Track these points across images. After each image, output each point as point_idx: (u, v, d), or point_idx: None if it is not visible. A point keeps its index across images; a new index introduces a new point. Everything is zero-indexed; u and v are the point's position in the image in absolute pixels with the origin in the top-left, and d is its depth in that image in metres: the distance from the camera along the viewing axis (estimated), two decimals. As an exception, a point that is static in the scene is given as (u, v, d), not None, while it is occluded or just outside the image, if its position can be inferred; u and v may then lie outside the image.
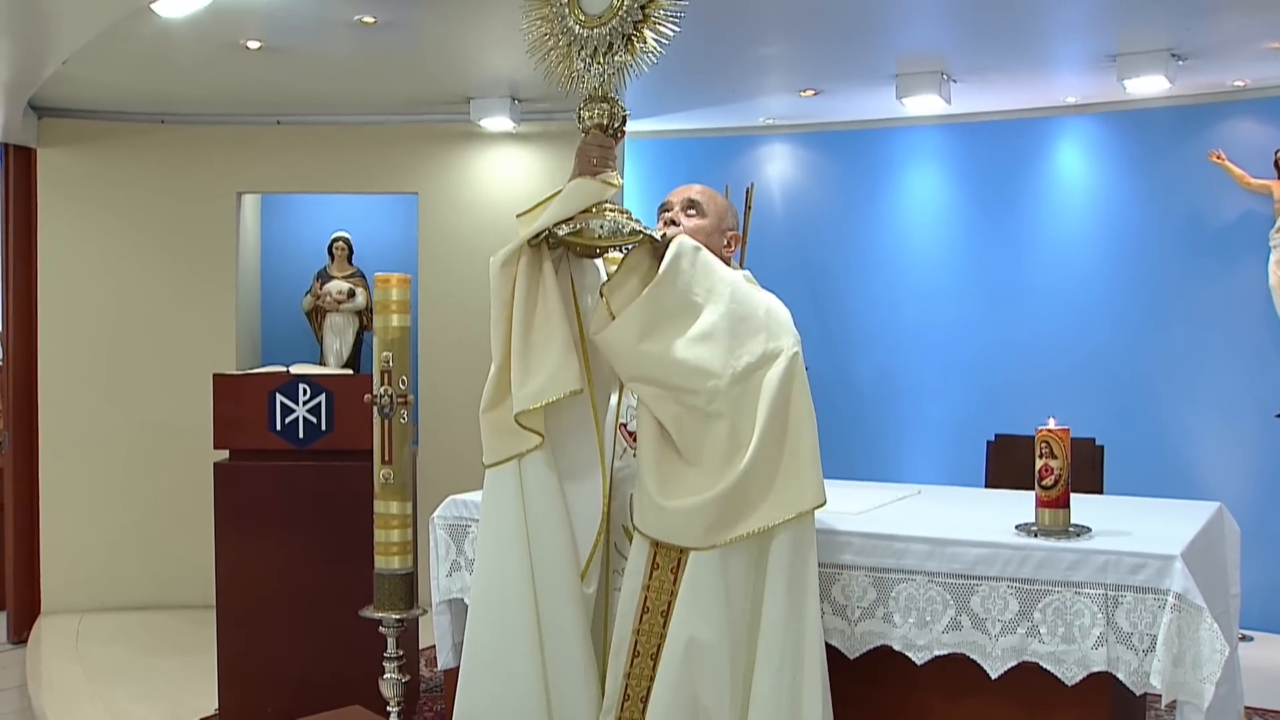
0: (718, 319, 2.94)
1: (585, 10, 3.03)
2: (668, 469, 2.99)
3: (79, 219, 7.42)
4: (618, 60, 3.01)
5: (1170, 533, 3.30)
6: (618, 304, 3.00)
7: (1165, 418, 7.11)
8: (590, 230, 2.98)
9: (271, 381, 5.15)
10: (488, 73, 6.67)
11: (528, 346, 3.05)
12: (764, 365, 2.92)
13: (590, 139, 3.07)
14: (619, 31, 2.97)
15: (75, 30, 4.91)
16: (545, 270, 3.07)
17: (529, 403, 2.99)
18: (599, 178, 3.04)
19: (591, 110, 3.08)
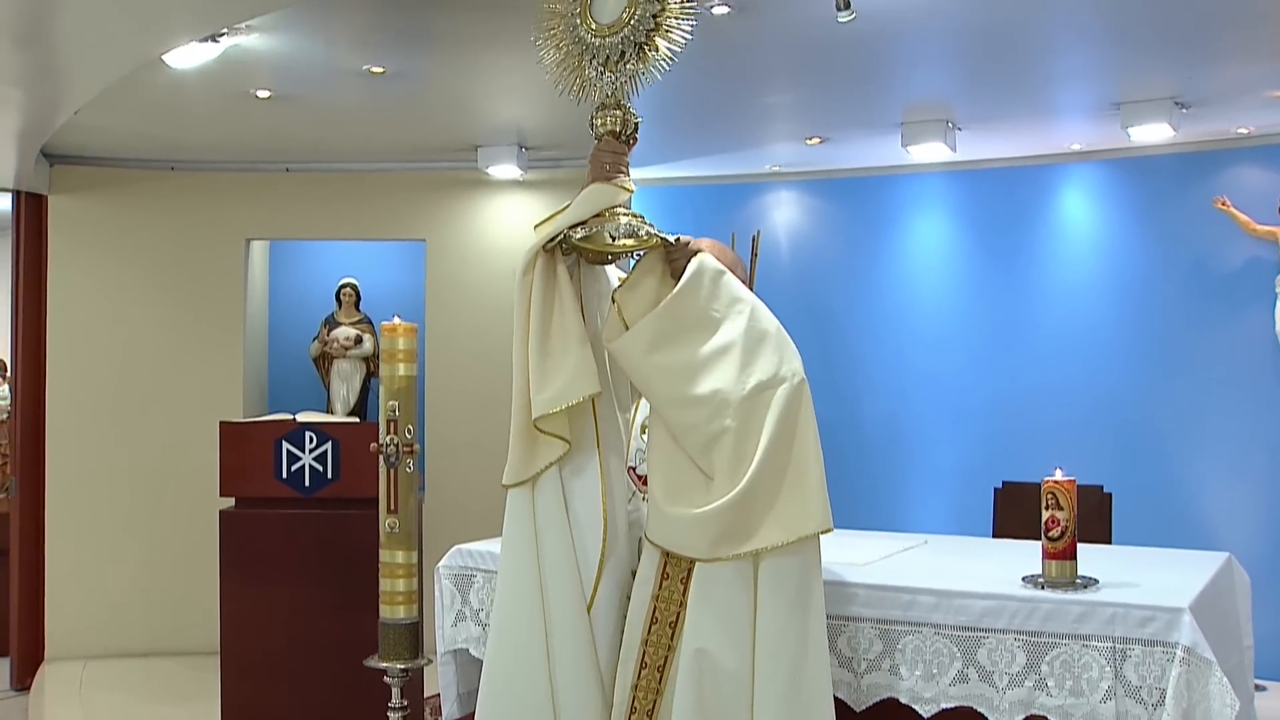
0: (734, 336, 2.95)
1: (597, 20, 3.05)
2: (675, 478, 2.99)
3: (89, 265, 7.46)
4: (629, 69, 3.03)
5: (1178, 584, 3.27)
6: (631, 310, 3.01)
7: (1173, 464, 7.09)
8: (605, 234, 2.99)
9: (278, 429, 5.16)
10: (495, 121, 6.72)
11: (545, 351, 3.05)
12: (774, 385, 2.92)
13: (603, 145, 3.09)
14: (631, 40, 2.99)
15: (87, 82, 4.96)
16: (560, 274, 3.08)
17: (548, 406, 3.00)
18: (613, 183, 3.06)
19: (604, 118, 3.10)
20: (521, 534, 3.13)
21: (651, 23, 2.98)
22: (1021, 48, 5.29)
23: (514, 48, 5.18)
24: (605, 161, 3.07)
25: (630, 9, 2.99)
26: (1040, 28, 5.01)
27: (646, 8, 2.98)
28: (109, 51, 4.61)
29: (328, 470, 5.12)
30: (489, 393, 7.27)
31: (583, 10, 3.06)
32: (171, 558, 7.36)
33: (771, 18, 4.80)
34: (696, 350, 2.95)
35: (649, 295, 3.03)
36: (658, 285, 3.04)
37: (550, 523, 3.09)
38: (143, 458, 7.43)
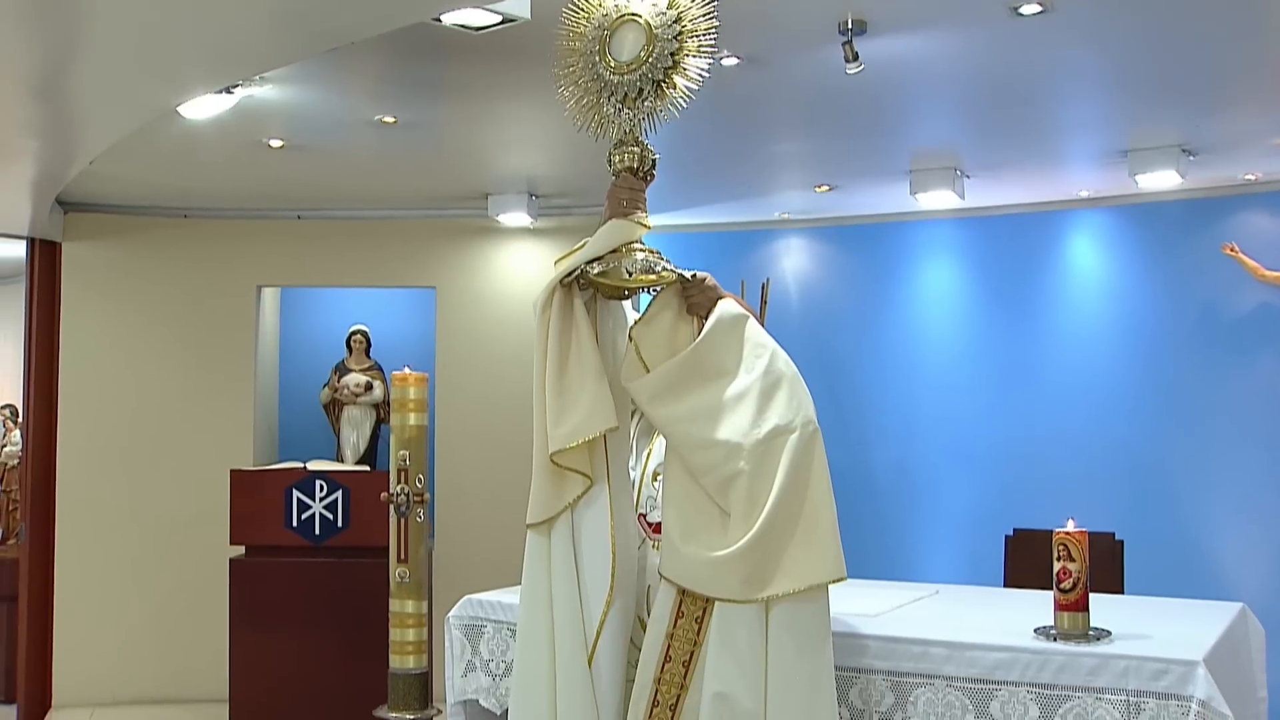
0: (751, 381, 2.95)
1: (615, 58, 3.07)
2: (692, 513, 2.99)
3: (101, 312, 7.51)
4: (647, 105, 3.04)
5: (1192, 637, 3.25)
6: (648, 348, 3.02)
7: (1185, 511, 7.06)
8: (622, 269, 3.00)
9: (289, 478, 5.18)
10: (505, 169, 6.77)
11: (562, 386, 3.05)
12: (787, 432, 2.92)
13: (621, 182, 3.10)
14: (649, 77, 3.01)
15: (102, 133, 5.02)
16: (577, 310, 3.09)
17: (565, 441, 2.99)
18: (630, 219, 3.07)
19: (622, 154, 3.11)
20: (537, 577, 3.13)
21: (669, 60, 3.00)
22: (1029, 98, 5.32)
23: (524, 98, 5.23)
24: (622, 197, 3.09)
25: (648, 47, 3.02)
26: (1048, 78, 5.06)
27: (664, 46, 3.00)
28: (124, 104, 4.66)
29: (338, 519, 5.13)
30: (499, 440, 7.29)
31: (601, 48, 3.09)
32: (180, 605, 7.34)
33: (780, 69, 4.85)
34: (714, 395, 2.96)
35: (666, 332, 3.04)
36: (674, 321, 3.05)
37: (561, 567, 3.09)
38: (153, 504, 7.43)
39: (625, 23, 3.09)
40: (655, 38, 3.02)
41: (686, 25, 3.02)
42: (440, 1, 3.68)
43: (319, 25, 3.71)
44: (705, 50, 3.04)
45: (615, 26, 3.11)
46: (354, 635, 4.99)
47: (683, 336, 3.06)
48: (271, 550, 5.17)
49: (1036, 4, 4.11)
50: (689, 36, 3.02)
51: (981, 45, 4.58)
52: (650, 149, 3.11)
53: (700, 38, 3.02)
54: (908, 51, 4.62)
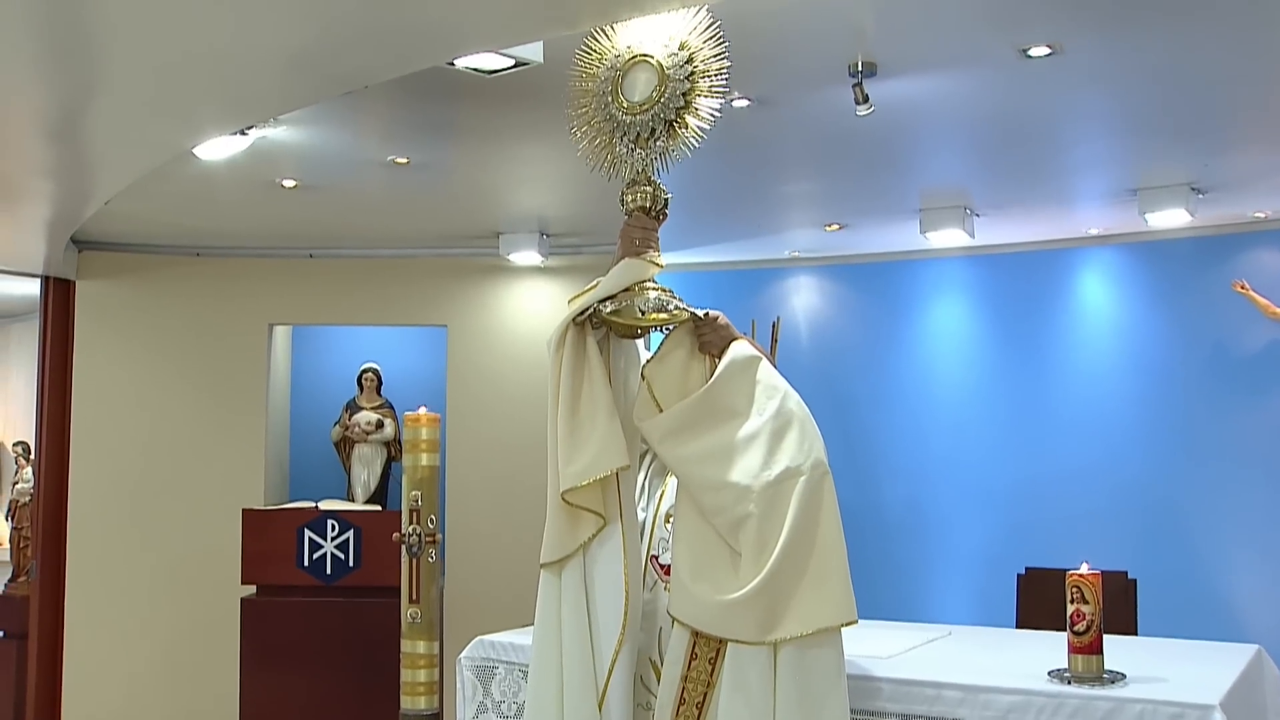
0: (762, 423, 2.96)
1: (628, 98, 3.10)
2: (703, 552, 2.99)
3: (114, 349, 7.54)
4: (659, 145, 3.07)
5: (1208, 680, 3.23)
6: (661, 387, 3.03)
7: (1198, 550, 7.02)
8: (634, 308, 3.02)
9: (300, 517, 5.18)
10: (517, 208, 6.80)
11: (574, 424, 3.06)
12: (797, 475, 2.92)
13: (633, 221, 3.13)
14: (661, 118, 3.04)
15: (117, 175, 5.06)
16: (590, 348, 3.10)
17: (577, 479, 3.00)
18: (643, 258, 3.09)
19: (635, 193, 3.14)
20: (549, 617, 3.13)
21: (681, 100, 3.04)
22: (1038, 138, 5.35)
23: (535, 139, 5.26)
24: (635, 237, 3.11)
25: (660, 87, 3.05)
26: (1057, 118, 5.08)
27: (676, 86, 3.04)
28: (140, 146, 4.70)
29: (349, 558, 5.13)
30: (511, 479, 7.29)
31: (614, 89, 3.12)
32: (190, 644, 7.31)
33: (790, 110, 4.88)
34: (726, 437, 2.97)
35: (678, 371, 3.06)
36: (687, 359, 3.07)
37: (572, 607, 3.09)
38: (164, 542, 7.42)
39: (637, 64, 3.13)
40: (667, 78, 3.05)
41: (698, 66, 3.05)
42: (454, 46, 3.71)
43: (334, 69, 3.75)
44: (717, 91, 3.07)
45: (627, 67, 3.14)
46: (365, 676, 4.98)
47: (695, 375, 3.08)
48: (283, 590, 5.17)
49: (1046, 46, 4.14)
50: (701, 77, 3.06)
51: (991, 87, 4.61)
52: (662, 188, 3.14)
53: (712, 78, 3.06)
54: (917, 93, 4.65)
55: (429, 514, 4.15)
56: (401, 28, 3.47)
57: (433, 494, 4.20)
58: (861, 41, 4.21)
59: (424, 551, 4.17)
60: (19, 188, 5.32)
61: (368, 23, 3.43)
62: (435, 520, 4.19)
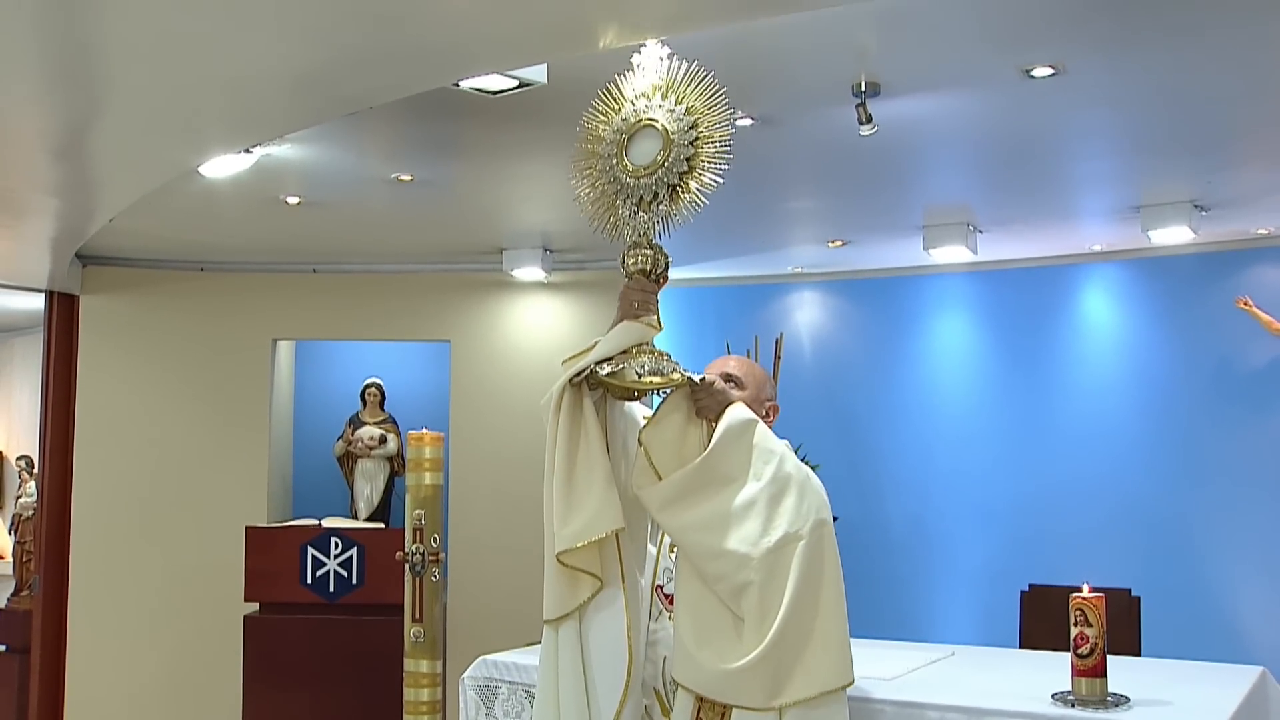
0: (759, 489, 2.96)
1: (632, 161, 3.09)
2: (706, 617, 2.98)
3: (118, 364, 7.55)
4: (662, 209, 3.06)
5: (1212, 703, 3.23)
6: (658, 452, 3.02)
7: (1202, 567, 7.02)
8: (631, 371, 3.01)
9: (304, 535, 5.18)
10: (520, 224, 6.81)
11: (570, 485, 3.05)
12: (796, 540, 2.92)
13: (633, 284, 3.10)
14: (664, 182, 3.02)
15: (122, 192, 5.07)
16: (586, 409, 3.09)
17: (572, 541, 3.00)
18: (641, 321, 3.08)
19: (635, 256, 3.12)
20: (547, 675, 3.13)
21: (685, 165, 3.01)
22: (1041, 156, 5.36)
23: (539, 156, 5.27)
24: (634, 300, 3.08)
25: (665, 151, 3.03)
26: (1060, 137, 5.09)
27: (680, 151, 3.01)
28: (145, 165, 4.72)
29: (352, 576, 5.13)
30: (513, 494, 7.28)
31: (619, 152, 3.11)
32: (194, 660, 7.30)
33: (794, 129, 4.89)
34: (723, 504, 2.95)
35: (675, 435, 3.04)
36: (683, 424, 3.05)
37: (568, 667, 3.09)
38: (167, 558, 7.42)
39: (643, 128, 3.10)
40: (672, 143, 3.03)
41: (702, 131, 3.02)
42: (459, 68, 3.72)
43: (339, 91, 3.76)
44: (720, 156, 3.04)
45: (633, 131, 3.12)
46: (368, 694, 4.98)
47: (692, 440, 3.06)
48: (286, 607, 5.16)
49: (1049, 66, 4.15)
50: (705, 143, 3.02)
51: (994, 106, 4.62)
52: (664, 253, 3.11)
53: (716, 145, 3.03)
54: (921, 112, 4.66)
55: (432, 533, 4.15)
56: (407, 50, 3.48)
57: (436, 513, 4.20)
58: (864, 61, 4.22)
59: (427, 571, 4.17)
60: (24, 204, 5.34)
61: (373, 45, 3.44)
62: (438, 539, 4.19)
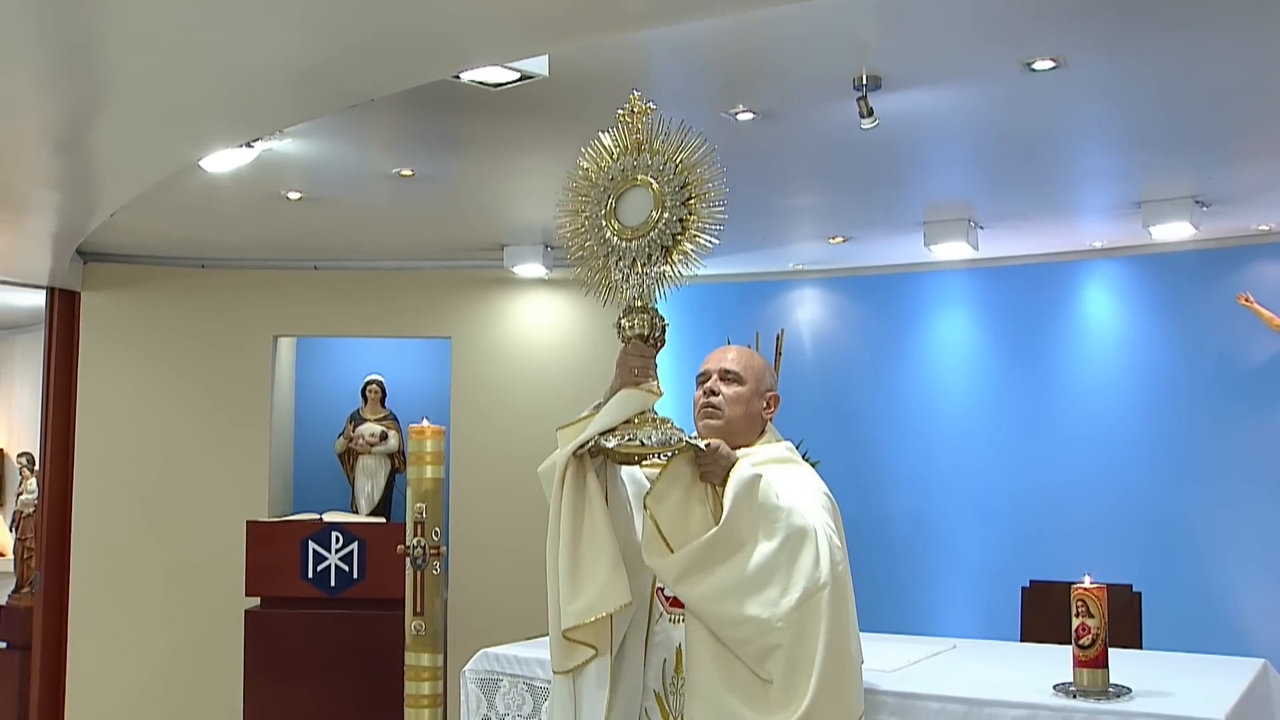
0: (772, 551, 2.91)
1: (623, 222, 3.02)
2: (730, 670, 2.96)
3: (119, 361, 7.55)
4: (656, 271, 2.99)
5: (1214, 693, 3.23)
6: (665, 521, 2.96)
7: (1203, 564, 7.01)
8: (636, 440, 2.96)
9: (305, 529, 5.19)
10: (521, 221, 6.82)
11: (576, 561, 3.01)
12: (819, 590, 2.90)
13: (631, 349, 3.03)
14: (658, 243, 2.96)
15: (123, 186, 5.07)
16: (590, 484, 3.04)
17: (580, 618, 2.97)
18: (642, 388, 3.03)
19: (632, 321, 3.04)
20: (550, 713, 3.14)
21: (679, 226, 2.94)
22: (1042, 151, 5.36)
23: (539, 151, 5.28)
24: (633, 365, 3.02)
25: (658, 212, 2.96)
26: (1061, 131, 5.09)
27: (674, 212, 2.94)
28: (146, 158, 4.72)
29: (353, 570, 5.13)
30: (514, 491, 7.27)
31: (608, 212, 3.04)
32: (195, 656, 7.31)
33: (795, 123, 4.89)
34: (738, 570, 2.90)
35: (681, 501, 2.98)
36: (688, 488, 2.99)
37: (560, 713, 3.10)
38: (168, 554, 7.43)
39: (634, 187, 3.03)
40: (664, 205, 2.96)
41: (695, 190, 2.94)
42: (459, 59, 3.72)
43: (340, 83, 3.76)
44: (715, 216, 3.00)
45: (622, 190, 3.04)
46: (369, 688, 4.98)
47: (698, 504, 3.01)
48: (287, 602, 5.16)
49: (1050, 60, 4.15)
50: (698, 202, 2.95)
51: (995, 100, 4.62)
52: (660, 316, 3.04)
53: (709, 203, 2.98)
54: (921, 106, 4.66)
55: (433, 526, 4.15)
56: (408, 42, 3.48)
57: (437, 507, 4.20)
58: (865, 55, 4.22)
59: (428, 564, 4.17)
60: (25, 199, 5.34)
61: (374, 37, 3.44)
62: (439, 533, 4.19)
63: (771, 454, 3.27)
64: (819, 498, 3.14)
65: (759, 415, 3.33)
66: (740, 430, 3.29)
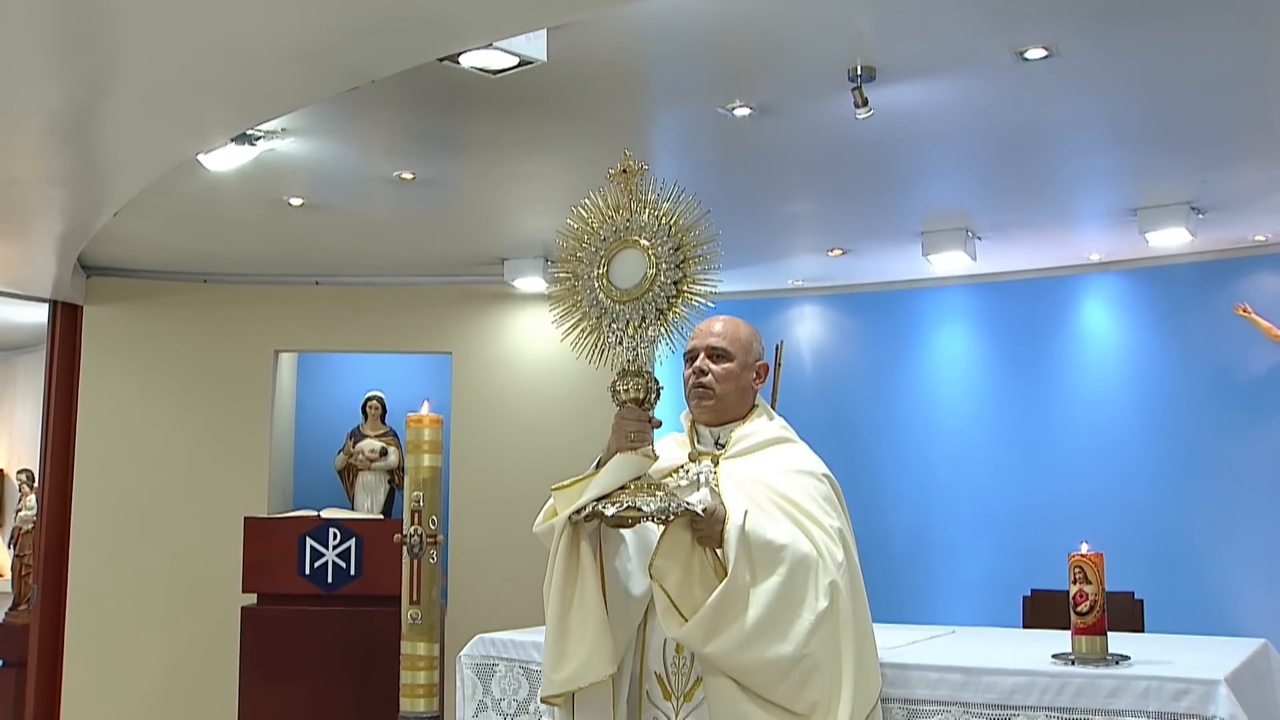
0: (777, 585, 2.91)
1: (617, 285, 2.98)
2: None
3: (120, 374, 7.57)
4: (650, 334, 2.95)
5: (1214, 661, 3.21)
6: (674, 587, 2.93)
7: (1205, 574, 6.98)
8: (634, 507, 2.94)
9: (302, 525, 5.18)
10: (521, 233, 6.85)
11: (564, 630, 3.01)
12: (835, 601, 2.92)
13: (626, 413, 2.99)
14: (652, 306, 2.92)
15: (127, 180, 5.10)
16: (584, 554, 3.03)
17: (560, 688, 2.98)
18: (639, 453, 3.02)
19: (627, 384, 3.00)
20: None
21: (673, 289, 2.91)
22: (1036, 149, 5.40)
23: (539, 152, 5.33)
24: (629, 430, 2.98)
25: (652, 272, 2.93)
26: (1055, 128, 5.13)
27: (669, 275, 2.91)
28: (149, 149, 4.74)
29: (350, 567, 5.12)
30: (515, 506, 7.21)
31: (602, 274, 3.01)
32: (192, 670, 7.23)
33: (792, 119, 4.93)
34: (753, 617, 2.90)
35: (684, 568, 2.96)
36: (689, 554, 2.97)
37: None
38: (166, 568, 7.39)
39: (626, 248, 3.00)
40: (659, 267, 2.92)
41: (689, 252, 2.92)
42: (454, 38, 3.75)
43: (340, 62, 3.79)
44: (709, 279, 2.94)
45: (614, 251, 3.01)
46: (365, 685, 4.95)
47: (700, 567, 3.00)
48: (283, 599, 5.14)
49: (1041, 48, 4.19)
50: (693, 264, 2.92)
51: (988, 93, 4.66)
52: (655, 379, 3.01)
53: (703, 264, 2.93)
54: (916, 100, 4.70)
55: (430, 515, 4.14)
56: (407, 17, 3.52)
57: (434, 495, 4.20)
58: (860, 44, 4.26)
59: (425, 552, 4.16)
60: (31, 198, 5.38)
61: (373, 12, 3.49)
62: (437, 521, 4.18)
63: (768, 434, 3.26)
64: (816, 486, 3.13)
65: (749, 388, 3.31)
66: (732, 405, 3.27)
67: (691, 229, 2.94)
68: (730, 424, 3.25)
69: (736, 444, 3.23)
